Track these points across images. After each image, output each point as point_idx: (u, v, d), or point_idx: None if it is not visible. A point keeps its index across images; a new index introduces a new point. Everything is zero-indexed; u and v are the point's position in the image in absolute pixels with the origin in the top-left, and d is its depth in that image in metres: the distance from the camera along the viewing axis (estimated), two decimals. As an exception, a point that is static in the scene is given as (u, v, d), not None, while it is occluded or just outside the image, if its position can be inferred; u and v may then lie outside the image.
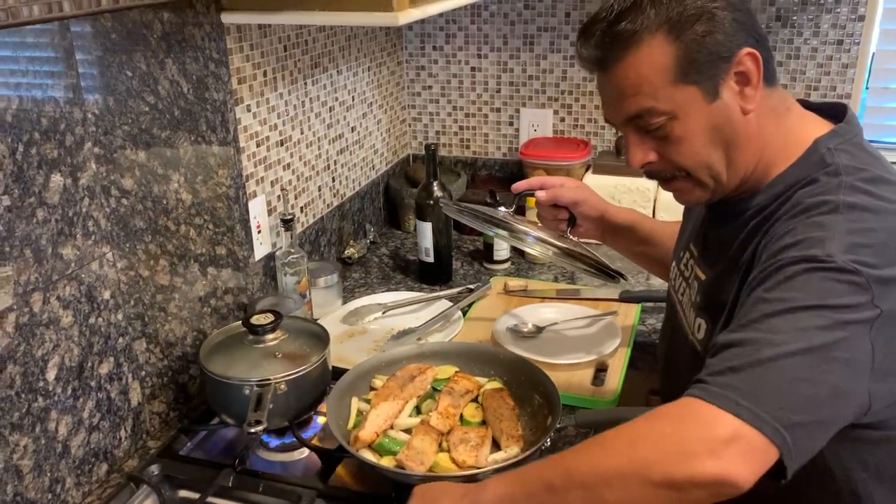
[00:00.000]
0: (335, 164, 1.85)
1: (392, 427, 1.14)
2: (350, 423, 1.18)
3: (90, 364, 1.11)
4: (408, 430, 1.14)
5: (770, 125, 0.96)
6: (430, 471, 1.05)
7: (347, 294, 1.72)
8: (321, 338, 1.26)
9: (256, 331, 1.21)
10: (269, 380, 1.15)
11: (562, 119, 2.14)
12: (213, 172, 1.35)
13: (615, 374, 1.38)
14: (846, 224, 0.85)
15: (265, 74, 1.50)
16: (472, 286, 1.70)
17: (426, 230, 1.72)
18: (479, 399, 1.21)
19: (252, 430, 1.07)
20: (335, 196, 1.86)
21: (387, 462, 1.08)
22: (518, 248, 1.88)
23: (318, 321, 1.44)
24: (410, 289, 1.75)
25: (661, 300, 1.44)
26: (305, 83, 1.67)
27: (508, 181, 2.15)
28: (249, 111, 1.46)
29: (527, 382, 1.23)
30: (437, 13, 1.34)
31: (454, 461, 1.07)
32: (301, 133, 1.67)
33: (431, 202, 1.70)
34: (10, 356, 0.98)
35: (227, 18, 1.32)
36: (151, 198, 1.21)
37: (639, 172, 1.03)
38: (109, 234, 1.13)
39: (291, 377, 1.16)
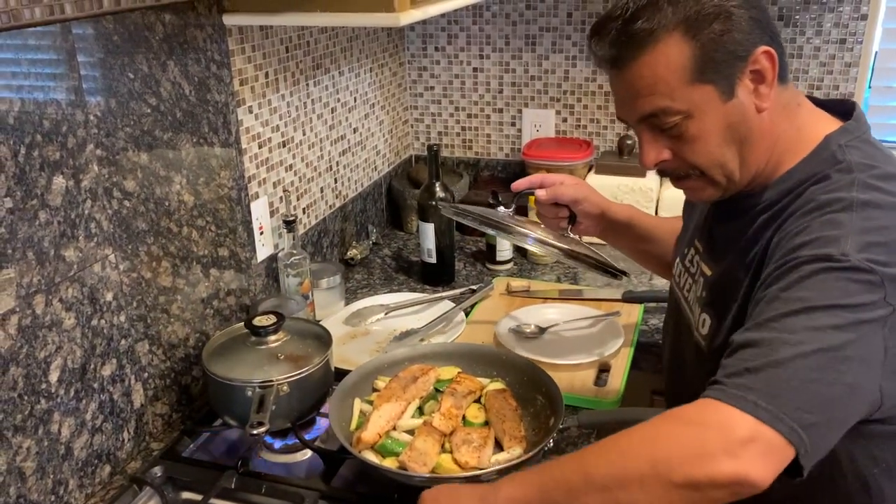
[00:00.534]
0: (337, 166, 1.85)
1: (395, 428, 1.14)
2: (353, 425, 1.18)
3: (93, 366, 1.11)
4: (410, 432, 1.13)
5: (782, 122, 0.96)
6: (433, 472, 1.05)
7: (350, 295, 1.72)
8: (323, 339, 1.26)
9: (259, 332, 1.21)
10: (272, 381, 1.15)
11: (564, 119, 2.14)
12: (216, 174, 1.36)
13: (618, 375, 1.37)
14: (860, 222, 0.85)
15: (267, 76, 1.50)
16: (475, 287, 1.70)
17: (428, 231, 1.72)
18: (482, 400, 1.21)
19: (255, 432, 1.07)
20: (337, 197, 1.86)
21: (389, 463, 1.08)
22: (521, 248, 1.88)
23: (321, 322, 1.44)
24: (413, 290, 1.75)
25: (664, 300, 1.44)
26: (307, 84, 1.67)
27: (511, 182, 2.14)
28: (251, 112, 1.46)
29: (529, 383, 1.23)
30: (439, 14, 1.34)
31: (457, 462, 1.07)
32: (303, 134, 1.67)
33: (434, 203, 1.70)
34: (13, 358, 0.98)
35: (229, 20, 1.32)
36: (154, 199, 1.21)
37: (641, 172, 1.03)
38: (112, 236, 1.13)
39: (294, 379, 1.16)
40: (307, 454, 1.21)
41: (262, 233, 1.51)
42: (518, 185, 1.28)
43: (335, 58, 1.78)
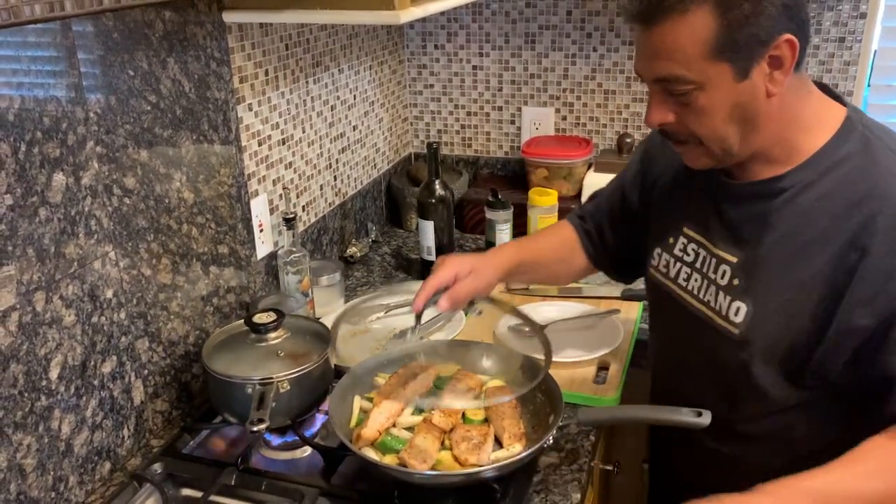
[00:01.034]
0: (337, 163, 1.85)
1: (394, 425, 1.14)
2: (352, 422, 1.18)
3: (93, 363, 1.11)
4: (410, 429, 1.14)
5: (794, 105, 0.98)
6: (433, 469, 1.05)
7: (349, 293, 1.72)
8: (323, 336, 1.26)
9: (259, 329, 1.21)
10: (272, 378, 1.15)
11: (563, 117, 2.14)
12: (215, 171, 1.36)
13: (617, 373, 1.38)
14: None
15: (267, 73, 1.50)
16: (474, 284, 1.70)
17: (428, 229, 1.72)
18: (482, 397, 1.21)
19: (255, 429, 1.08)
20: (337, 195, 1.86)
21: (389, 460, 1.08)
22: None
23: (320, 320, 1.44)
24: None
25: (664, 298, 1.44)
26: (307, 82, 1.67)
27: (510, 179, 2.17)
28: (251, 110, 1.46)
29: (529, 381, 1.23)
30: (439, 11, 1.35)
31: (456, 459, 1.07)
32: (303, 132, 1.67)
33: (433, 201, 1.70)
34: (14, 355, 0.98)
35: (229, 17, 1.32)
36: (153, 197, 1.21)
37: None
38: (112, 233, 1.13)
39: (294, 376, 1.17)
40: (307, 451, 1.21)
41: (262, 230, 1.51)
42: (418, 306, 1.16)
43: (335, 55, 1.78)
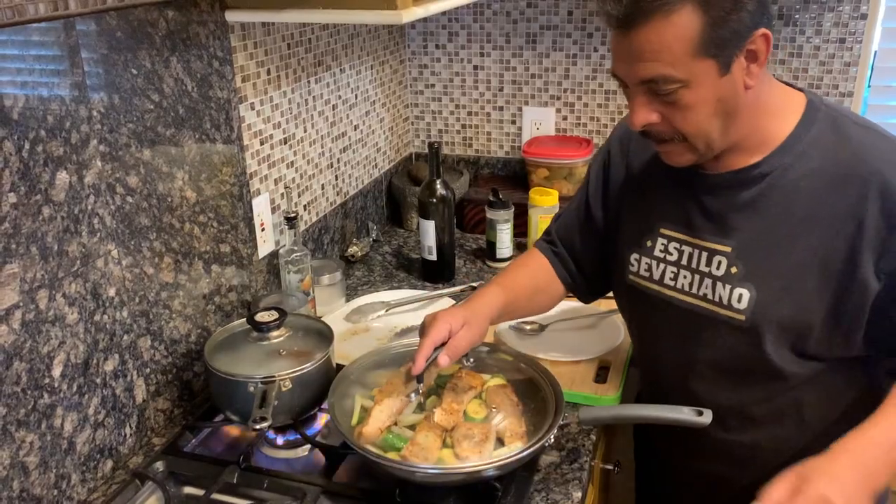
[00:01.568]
0: (338, 162, 1.85)
1: (396, 423, 1.15)
2: (354, 420, 1.18)
3: (95, 361, 1.12)
4: (411, 427, 1.14)
5: (764, 94, 1.02)
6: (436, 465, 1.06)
7: (350, 292, 1.73)
8: (325, 335, 1.27)
9: (261, 328, 1.22)
10: (274, 377, 1.15)
11: (564, 117, 2.14)
12: (217, 170, 1.36)
13: (617, 372, 1.38)
14: None
15: (269, 72, 1.51)
16: (475, 284, 1.71)
17: (429, 228, 1.73)
18: (483, 395, 1.21)
19: (257, 427, 1.08)
20: (338, 194, 1.86)
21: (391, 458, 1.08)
22: (521, 246, 1.89)
23: (322, 319, 1.44)
24: (413, 287, 1.75)
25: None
26: (309, 81, 1.67)
27: (511, 179, 2.17)
28: (253, 109, 1.47)
29: (530, 379, 1.23)
30: (441, 11, 1.35)
31: (458, 457, 1.07)
32: (304, 131, 1.68)
33: (434, 200, 1.70)
34: (17, 353, 0.98)
35: (232, 17, 1.33)
36: (156, 195, 1.21)
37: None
38: (114, 232, 1.13)
39: (296, 374, 1.17)
40: (309, 449, 1.22)
41: (264, 229, 1.52)
42: (419, 367, 1.12)
43: (336, 55, 1.78)
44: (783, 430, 1.11)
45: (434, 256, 1.75)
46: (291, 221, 1.49)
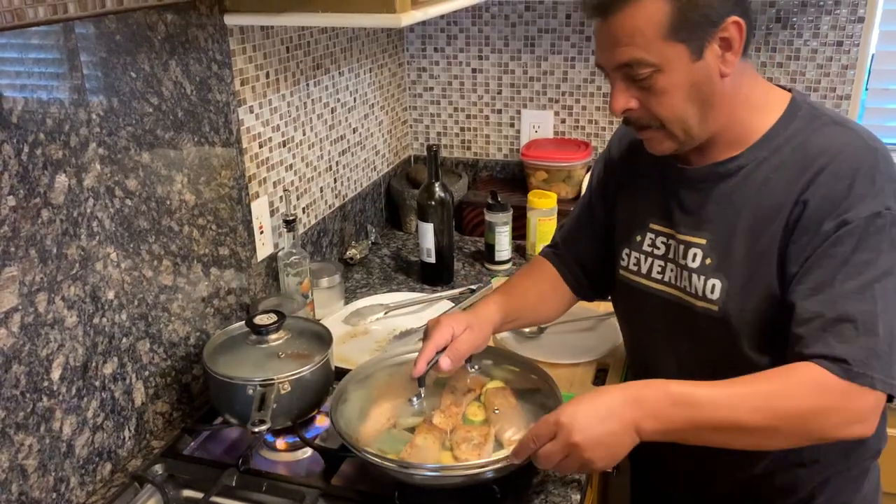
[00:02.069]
0: (337, 165, 1.85)
1: (395, 426, 1.15)
2: (353, 423, 1.18)
3: (94, 364, 1.12)
4: (411, 429, 1.14)
5: (746, 87, 1.05)
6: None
7: (349, 295, 1.73)
8: (324, 338, 1.27)
9: (260, 331, 1.22)
10: (273, 379, 1.15)
11: (563, 120, 2.14)
12: (216, 173, 1.36)
13: (616, 374, 1.38)
14: (888, 169, 0.99)
15: (268, 76, 1.51)
16: (474, 287, 1.71)
17: (428, 231, 1.73)
18: (482, 398, 1.21)
19: (256, 430, 1.08)
20: (337, 197, 1.87)
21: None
22: (520, 249, 1.89)
23: (321, 321, 1.44)
24: (412, 289, 1.76)
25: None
26: (307, 84, 1.67)
27: (510, 182, 2.17)
28: (252, 112, 1.47)
29: (529, 381, 1.23)
30: (439, 14, 1.35)
31: (457, 459, 1.07)
32: (303, 134, 1.68)
33: (433, 203, 1.71)
34: (16, 356, 0.98)
35: (231, 20, 1.33)
36: (155, 198, 1.21)
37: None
38: (113, 235, 1.13)
39: (295, 377, 1.17)
40: (308, 452, 1.22)
41: (263, 232, 1.52)
42: (420, 370, 1.13)
43: (335, 58, 1.79)
44: None
45: (433, 259, 1.75)
46: (290, 224, 1.49)
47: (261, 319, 1.22)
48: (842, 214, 0.97)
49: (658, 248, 1.16)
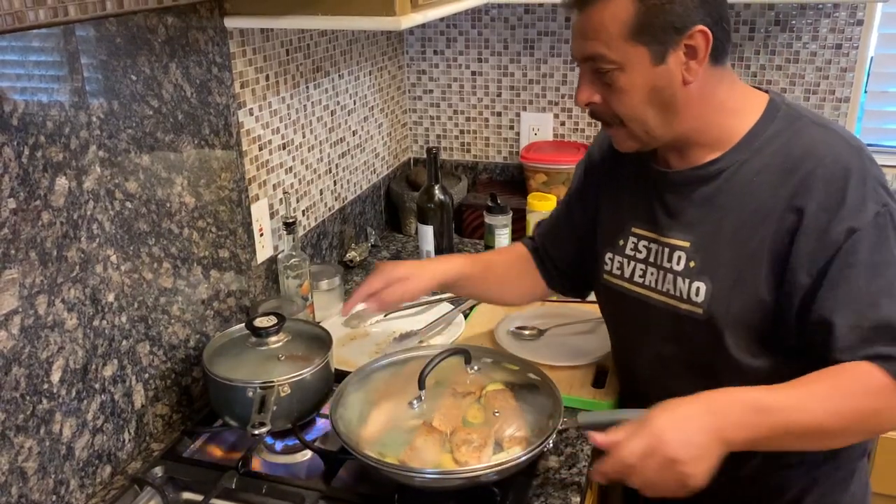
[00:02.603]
0: (337, 168, 1.86)
1: (395, 428, 1.14)
2: (353, 425, 1.18)
3: (94, 366, 1.12)
4: (410, 432, 1.14)
5: (720, 93, 1.05)
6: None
7: (349, 297, 1.72)
8: (324, 340, 1.27)
9: (259, 333, 1.22)
10: (273, 382, 1.15)
11: (562, 123, 2.15)
12: (216, 176, 1.36)
13: (615, 377, 1.38)
14: (875, 170, 1.01)
15: (268, 78, 1.51)
16: (474, 289, 1.71)
17: (427, 233, 1.73)
18: (482, 400, 1.21)
19: (256, 433, 1.08)
20: (337, 199, 1.87)
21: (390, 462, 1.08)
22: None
23: (321, 324, 1.44)
24: (412, 292, 1.75)
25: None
26: (307, 87, 1.68)
27: (509, 184, 2.17)
28: (252, 115, 1.47)
29: (528, 384, 1.23)
30: (439, 17, 1.35)
31: (457, 462, 1.07)
32: (303, 137, 1.68)
33: (433, 206, 1.71)
34: (16, 358, 0.98)
35: (231, 23, 1.33)
36: (155, 201, 1.21)
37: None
38: (113, 237, 1.14)
39: (295, 379, 1.17)
40: (307, 455, 1.22)
41: (262, 234, 1.52)
42: (346, 311, 1.32)
43: (335, 61, 1.79)
44: None
45: (432, 261, 1.75)
46: (290, 227, 1.49)
47: (261, 322, 1.22)
48: (846, 221, 0.97)
49: (640, 252, 1.16)
